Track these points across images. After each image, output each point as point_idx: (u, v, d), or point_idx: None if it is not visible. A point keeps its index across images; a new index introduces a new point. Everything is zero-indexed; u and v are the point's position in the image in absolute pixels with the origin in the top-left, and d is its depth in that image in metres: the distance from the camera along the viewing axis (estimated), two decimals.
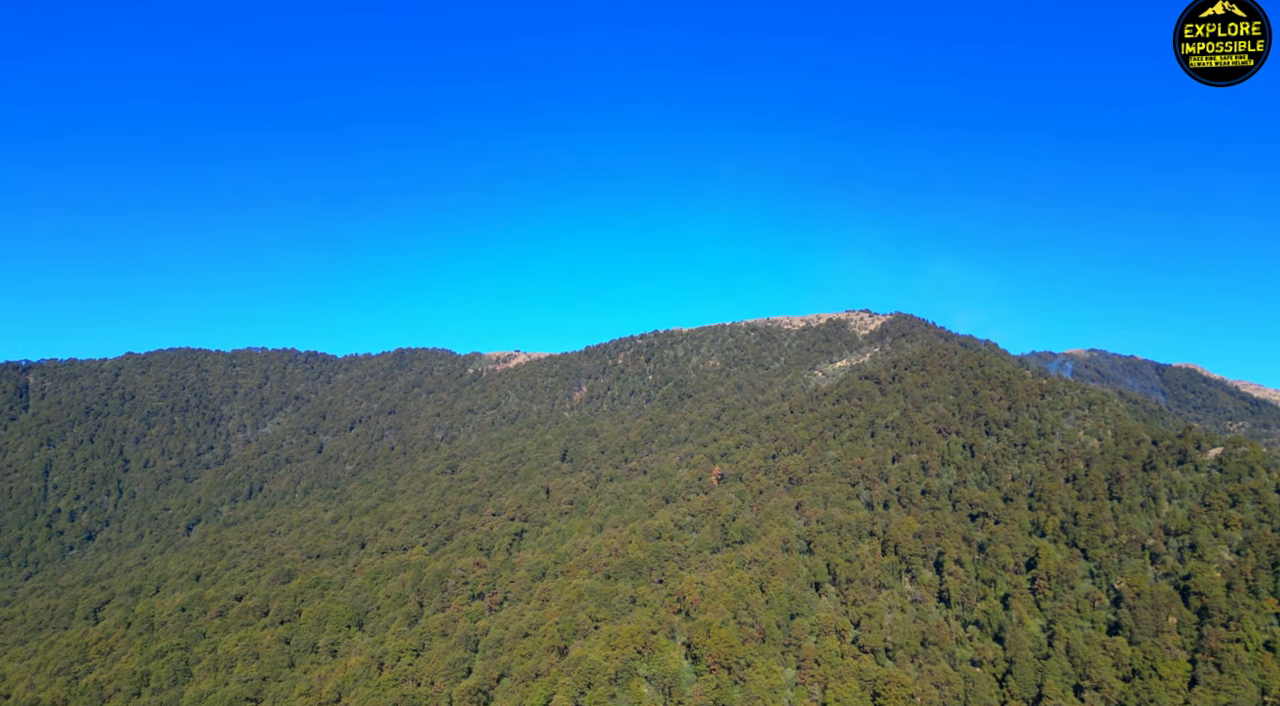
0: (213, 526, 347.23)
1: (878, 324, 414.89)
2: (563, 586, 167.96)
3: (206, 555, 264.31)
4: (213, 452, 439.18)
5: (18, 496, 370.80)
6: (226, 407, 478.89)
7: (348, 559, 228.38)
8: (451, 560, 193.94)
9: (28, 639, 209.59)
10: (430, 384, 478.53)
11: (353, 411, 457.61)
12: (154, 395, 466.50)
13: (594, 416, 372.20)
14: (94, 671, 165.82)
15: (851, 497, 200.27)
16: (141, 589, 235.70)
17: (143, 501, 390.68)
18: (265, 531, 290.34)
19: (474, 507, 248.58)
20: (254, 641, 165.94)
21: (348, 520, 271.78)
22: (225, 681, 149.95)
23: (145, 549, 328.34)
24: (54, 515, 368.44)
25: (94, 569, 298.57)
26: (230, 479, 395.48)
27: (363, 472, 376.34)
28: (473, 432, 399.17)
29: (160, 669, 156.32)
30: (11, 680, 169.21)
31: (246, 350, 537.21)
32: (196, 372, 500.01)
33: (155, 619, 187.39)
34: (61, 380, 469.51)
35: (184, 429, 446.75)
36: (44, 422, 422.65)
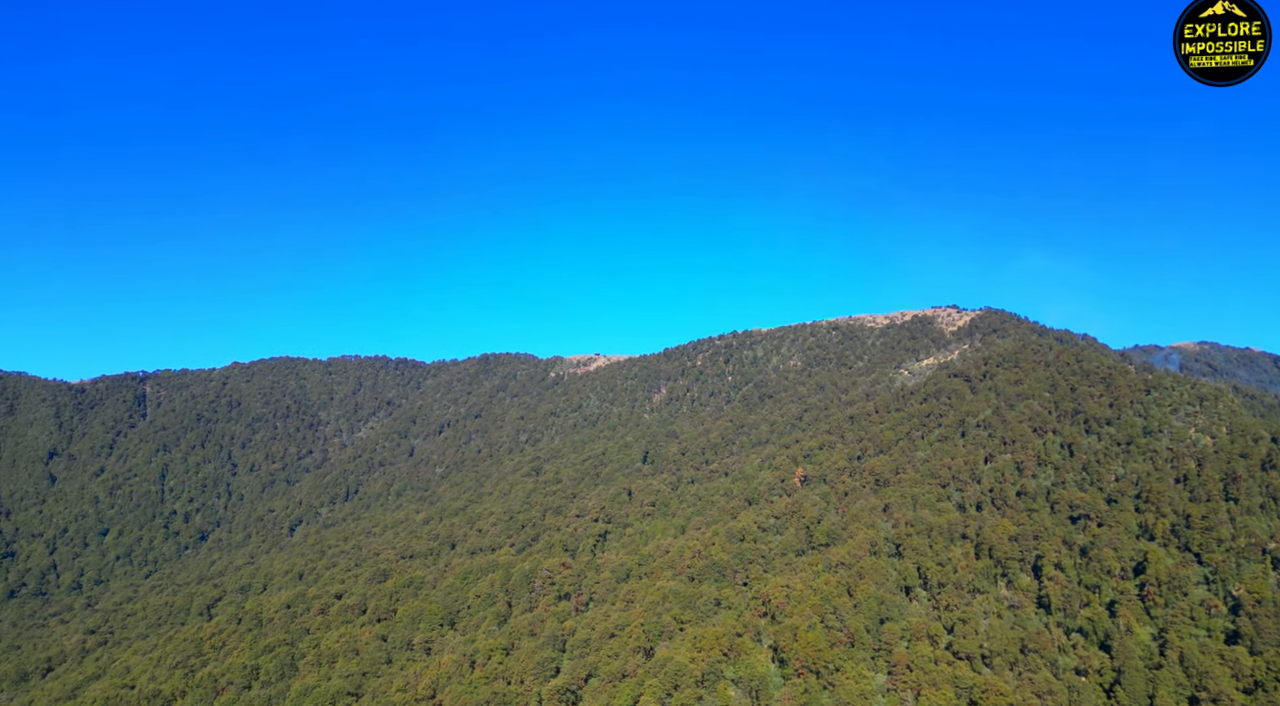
0: (313, 527, 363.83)
1: (966, 320, 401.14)
2: (647, 588, 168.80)
3: (308, 555, 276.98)
4: (311, 456, 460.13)
5: (138, 499, 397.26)
6: (324, 413, 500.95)
7: (439, 559, 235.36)
8: (538, 561, 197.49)
9: (149, 633, 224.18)
10: (514, 388, 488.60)
11: (441, 415, 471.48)
12: (258, 402, 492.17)
13: (674, 418, 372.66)
14: (208, 665, 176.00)
15: (942, 499, 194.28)
16: (250, 587, 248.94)
17: (249, 503, 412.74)
18: (361, 532, 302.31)
19: (558, 509, 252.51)
20: (354, 638, 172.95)
21: (438, 521, 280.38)
22: (328, 676, 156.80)
23: (253, 548, 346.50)
24: (170, 517, 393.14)
25: (207, 567, 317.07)
26: (328, 481, 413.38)
27: (451, 475, 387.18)
28: (555, 435, 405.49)
29: (268, 663, 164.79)
30: (135, 671, 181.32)
31: (341, 358, 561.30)
32: (296, 380, 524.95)
33: (263, 615, 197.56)
34: (175, 389, 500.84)
35: (285, 434, 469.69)
36: (160, 429, 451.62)
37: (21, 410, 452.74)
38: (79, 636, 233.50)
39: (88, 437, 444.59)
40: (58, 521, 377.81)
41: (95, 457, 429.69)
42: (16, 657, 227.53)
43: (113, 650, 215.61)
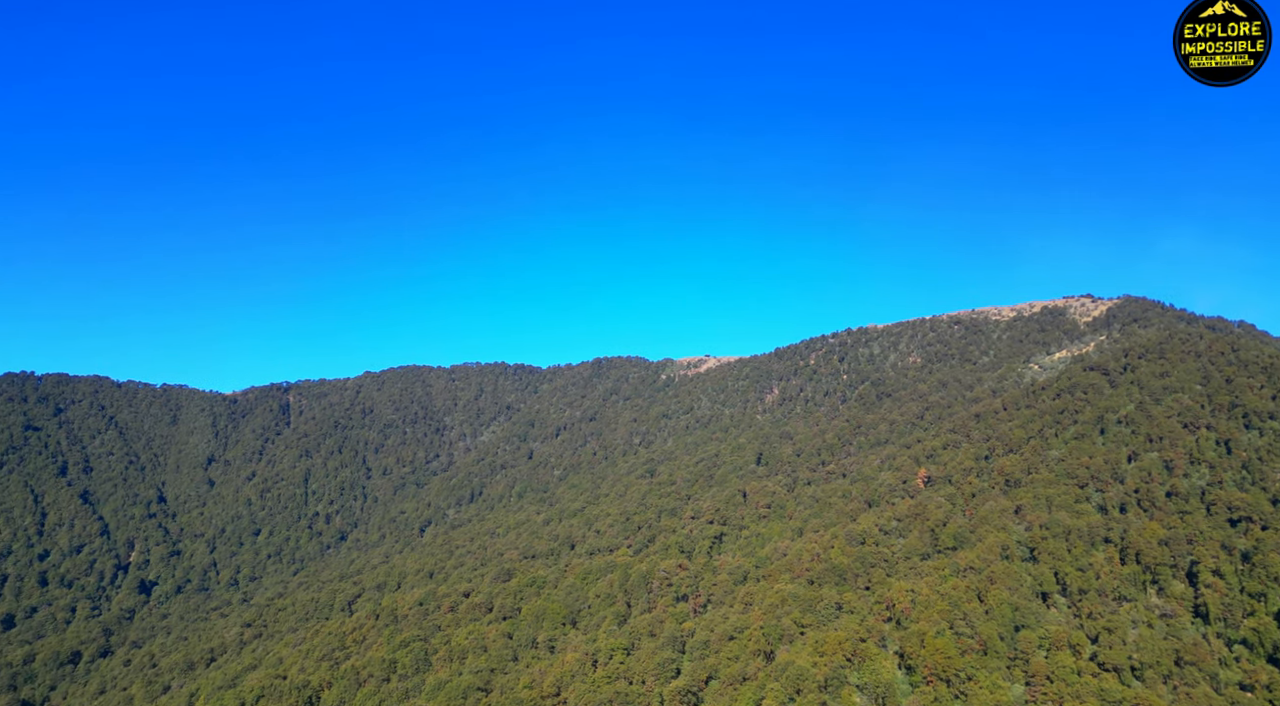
0: (441, 528, 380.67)
1: (1102, 309, 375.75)
2: (765, 590, 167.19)
3: (437, 554, 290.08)
4: (438, 460, 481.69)
5: (284, 502, 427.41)
6: (448, 419, 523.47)
7: (559, 559, 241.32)
8: (655, 562, 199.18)
9: (298, 627, 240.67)
10: (626, 391, 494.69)
11: (557, 419, 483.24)
12: (388, 409, 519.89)
13: (787, 419, 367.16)
14: (351, 657, 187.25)
15: (1080, 500, 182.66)
16: (386, 584, 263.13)
17: (383, 505, 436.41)
18: (486, 533, 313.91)
19: (673, 510, 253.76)
20: (481, 635, 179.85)
21: (558, 522, 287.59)
22: (459, 671, 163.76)
23: (387, 548, 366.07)
24: (313, 518, 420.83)
25: (347, 566, 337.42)
26: (454, 484, 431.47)
27: (569, 477, 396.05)
28: (668, 437, 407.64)
29: (404, 657, 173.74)
30: (287, 663, 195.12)
31: (464, 365, 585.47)
32: (422, 387, 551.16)
33: (398, 612, 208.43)
34: (314, 398, 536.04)
35: (414, 439, 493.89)
36: (303, 436, 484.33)
37: (183, 420, 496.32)
38: (237, 629, 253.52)
39: (240, 445, 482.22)
40: (216, 522, 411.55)
41: (247, 463, 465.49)
42: (184, 648, 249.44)
43: (266, 642, 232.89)
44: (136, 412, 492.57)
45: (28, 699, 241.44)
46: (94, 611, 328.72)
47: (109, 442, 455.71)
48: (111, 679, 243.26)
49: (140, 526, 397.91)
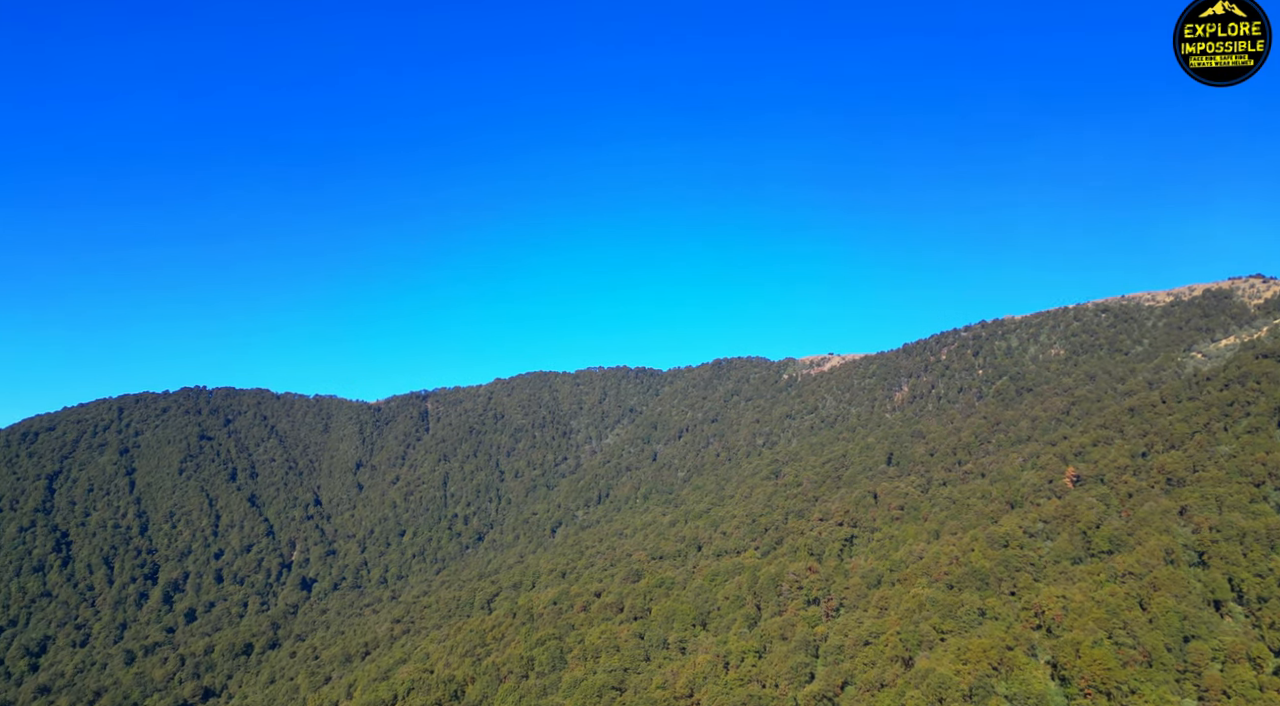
0: (571, 529, 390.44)
1: (1274, 291, 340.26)
2: (901, 595, 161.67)
3: (568, 555, 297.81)
4: (566, 463, 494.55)
5: (426, 504, 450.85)
6: (574, 422, 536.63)
7: (687, 560, 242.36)
8: (783, 564, 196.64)
9: (441, 624, 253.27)
10: (748, 391, 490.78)
11: (680, 421, 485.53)
12: (518, 414, 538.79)
13: (918, 417, 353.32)
14: (491, 654, 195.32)
15: (1256, 500, 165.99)
16: (521, 584, 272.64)
17: (516, 507, 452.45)
18: (614, 534, 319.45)
19: (800, 512, 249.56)
20: (614, 635, 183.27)
21: (683, 524, 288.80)
22: (594, 670, 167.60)
23: (521, 548, 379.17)
24: (452, 519, 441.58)
25: (485, 565, 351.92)
26: (582, 486, 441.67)
27: (693, 478, 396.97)
28: (792, 438, 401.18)
29: (541, 655, 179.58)
30: (433, 658, 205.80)
31: (587, 370, 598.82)
32: (549, 392, 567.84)
33: (534, 610, 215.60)
34: (450, 405, 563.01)
35: (542, 442, 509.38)
36: (441, 441, 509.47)
37: (334, 428, 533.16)
38: (387, 625, 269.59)
39: (384, 450, 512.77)
40: (365, 523, 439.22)
41: (391, 467, 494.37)
42: (341, 642, 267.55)
43: (414, 637, 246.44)
44: (294, 422, 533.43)
45: (209, 686, 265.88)
46: (263, 606, 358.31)
47: (271, 450, 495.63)
48: (280, 669, 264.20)
49: (300, 527, 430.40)
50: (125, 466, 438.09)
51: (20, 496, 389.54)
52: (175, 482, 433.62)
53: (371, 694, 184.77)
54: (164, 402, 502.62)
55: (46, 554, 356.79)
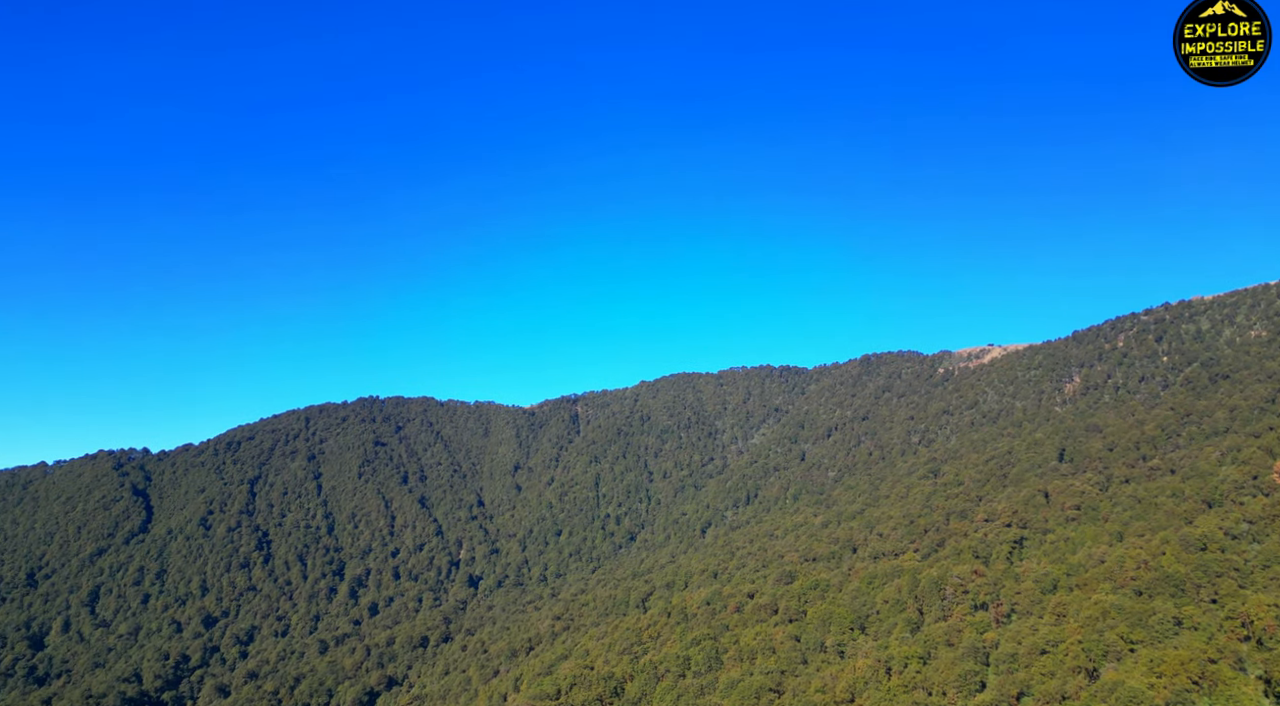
0: (721, 529, 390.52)
1: None
2: (1081, 601, 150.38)
3: (719, 555, 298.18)
4: (713, 463, 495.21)
5: (579, 505, 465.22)
6: (719, 422, 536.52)
7: (841, 562, 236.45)
8: (946, 567, 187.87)
9: (599, 622, 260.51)
10: (900, 387, 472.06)
11: (828, 419, 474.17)
12: (664, 416, 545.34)
13: (1093, 410, 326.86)
14: (648, 652, 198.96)
15: None
16: (674, 583, 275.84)
17: (665, 507, 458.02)
18: (764, 535, 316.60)
19: (963, 513, 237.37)
20: (769, 636, 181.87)
21: (836, 525, 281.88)
22: (750, 671, 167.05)
23: (672, 548, 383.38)
24: (605, 520, 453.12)
25: (638, 565, 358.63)
26: (729, 486, 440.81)
27: (844, 478, 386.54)
28: (951, 435, 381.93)
29: (697, 655, 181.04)
30: (593, 655, 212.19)
31: (730, 370, 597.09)
32: (693, 393, 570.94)
33: (687, 610, 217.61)
34: (598, 407, 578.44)
35: (689, 443, 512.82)
36: (591, 443, 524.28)
37: (493, 432, 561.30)
38: (548, 621, 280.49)
39: (539, 453, 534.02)
40: (524, 523, 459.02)
41: (546, 469, 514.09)
42: (507, 637, 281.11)
43: (574, 634, 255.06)
44: (456, 427, 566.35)
45: (392, 675, 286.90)
46: (436, 602, 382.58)
47: (438, 454, 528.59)
48: (453, 661, 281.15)
49: (466, 527, 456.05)
50: (313, 471, 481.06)
51: (227, 500, 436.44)
52: (355, 486, 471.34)
53: (537, 687, 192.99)
54: (343, 412, 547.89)
55: (250, 552, 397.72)
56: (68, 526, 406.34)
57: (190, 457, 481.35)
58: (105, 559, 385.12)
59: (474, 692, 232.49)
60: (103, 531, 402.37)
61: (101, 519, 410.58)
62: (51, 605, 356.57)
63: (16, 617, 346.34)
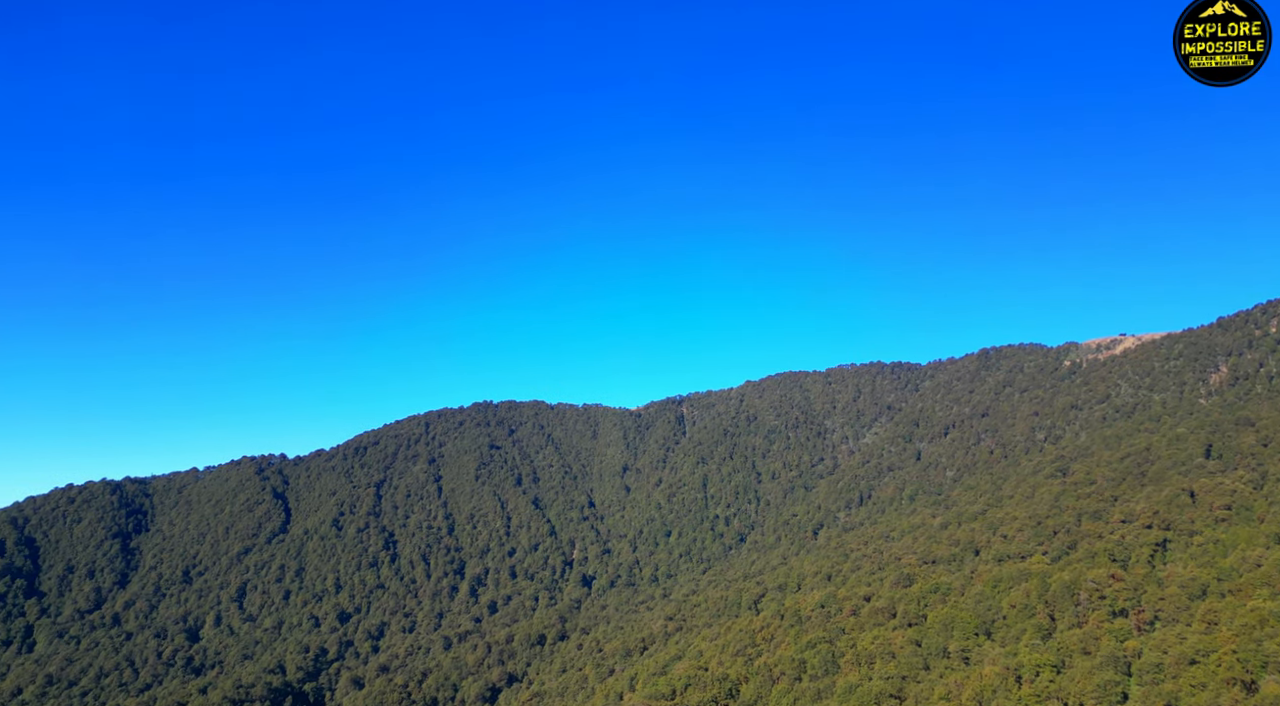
0: (834, 531, 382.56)
1: None
2: (1235, 608, 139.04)
3: (833, 557, 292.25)
4: (823, 464, 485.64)
5: (688, 505, 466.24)
6: (829, 422, 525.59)
7: (963, 565, 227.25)
8: (1079, 571, 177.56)
9: (711, 623, 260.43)
10: (1022, 382, 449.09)
11: (944, 417, 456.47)
12: (770, 416, 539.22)
13: (1243, 401, 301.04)
14: (762, 655, 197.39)
15: None
16: (786, 585, 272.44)
17: (775, 508, 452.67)
18: (879, 536, 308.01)
19: (1096, 513, 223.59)
20: (887, 641, 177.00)
21: (956, 526, 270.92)
22: (869, 676, 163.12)
23: (784, 550, 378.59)
24: (714, 520, 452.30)
25: (749, 566, 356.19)
26: (841, 487, 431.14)
27: (964, 478, 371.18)
28: (1080, 431, 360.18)
29: (813, 658, 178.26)
30: (706, 656, 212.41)
31: (839, 367, 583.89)
32: (800, 392, 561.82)
33: (801, 613, 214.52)
34: (703, 408, 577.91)
35: (797, 443, 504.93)
36: (697, 444, 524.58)
37: (601, 434, 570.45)
38: (661, 622, 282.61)
39: (646, 454, 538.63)
40: (634, 524, 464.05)
41: (654, 470, 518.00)
42: (621, 636, 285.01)
43: (687, 635, 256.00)
44: (566, 430, 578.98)
45: (512, 672, 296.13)
46: (551, 601, 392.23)
47: (549, 456, 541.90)
48: (569, 659, 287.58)
49: (578, 528, 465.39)
50: (434, 474, 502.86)
51: (356, 502, 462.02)
52: (473, 487, 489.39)
53: (652, 687, 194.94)
54: (460, 417, 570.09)
55: (378, 551, 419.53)
56: (217, 527, 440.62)
57: (322, 462, 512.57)
58: (250, 557, 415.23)
59: (590, 691, 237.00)
60: (247, 532, 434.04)
61: (246, 520, 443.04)
62: (205, 600, 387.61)
63: (175, 612, 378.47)
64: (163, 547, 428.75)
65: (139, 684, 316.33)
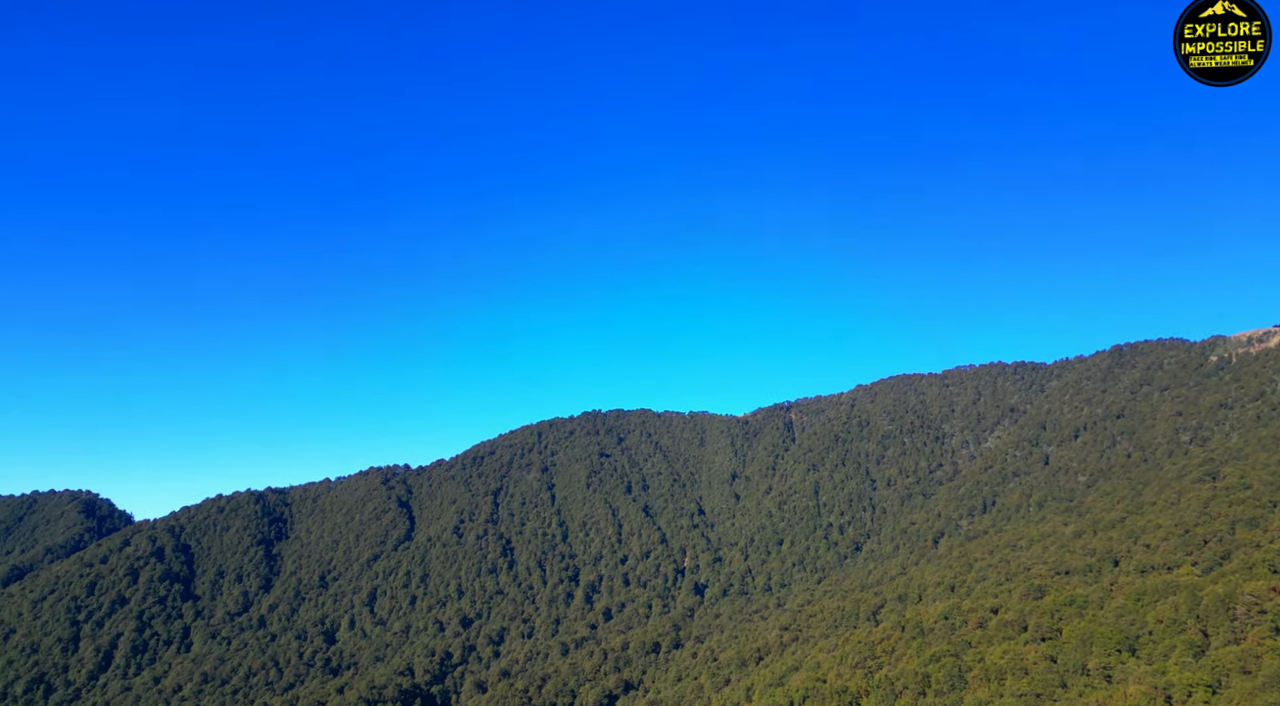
0: (956, 539, 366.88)
1: None
2: None
3: (955, 567, 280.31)
4: (942, 469, 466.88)
5: (799, 513, 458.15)
6: (946, 426, 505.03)
7: (1100, 576, 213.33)
8: (1235, 583, 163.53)
9: (828, 633, 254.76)
10: (1161, 380, 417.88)
11: (1073, 419, 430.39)
12: (884, 420, 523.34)
13: None
14: (883, 667, 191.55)
15: None
16: (906, 596, 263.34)
17: (891, 516, 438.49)
18: (1005, 545, 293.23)
19: (1253, 521, 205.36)
20: (1019, 656, 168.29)
21: (1091, 535, 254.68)
22: (999, 693, 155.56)
23: (902, 559, 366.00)
24: (827, 529, 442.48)
25: (865, 576, 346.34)
26: (962, 494, 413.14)
27: (1098, 483, 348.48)
28: (1231, 431, 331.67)
29: (937, 672, 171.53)
30: (824, 667, 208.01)
31: (955, 369, 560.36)
32: (915, 396, 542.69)
33: (924, 625, 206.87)
34: (812, 414, 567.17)
35: (913, 449, 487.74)
36: (807, 451, 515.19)
37: (708, 441, 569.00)
38: (776, 632, 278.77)
39: (755, 461, 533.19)
40: (745, 532, 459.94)
41: (763, 478, 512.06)
42: (735, 646, 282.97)
43: (803, 646, 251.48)
44: (674, 438, 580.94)
45: (628, 679, 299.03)
46: (664, 608, 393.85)
47: (657, 464, 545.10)
48: (684, 668, 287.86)
49: (688, 535, 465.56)
50: (546, 482, 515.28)
51: (475, 509, 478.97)
52: (584, 495, 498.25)
53: (769, 698, 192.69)
54: (570, 426, 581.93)
55: (496, 558, 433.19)
56: (348, 535, 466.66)
57: (443, 472, 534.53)
58: (379, 563, 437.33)
59: (707, 700, 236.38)
60: (376, 539, 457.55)
61: (374, 528, 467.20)
62: (339, 604, 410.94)
63: (314, 615, 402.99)
64: (301, 554, 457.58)
65: (283, 682, 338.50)
